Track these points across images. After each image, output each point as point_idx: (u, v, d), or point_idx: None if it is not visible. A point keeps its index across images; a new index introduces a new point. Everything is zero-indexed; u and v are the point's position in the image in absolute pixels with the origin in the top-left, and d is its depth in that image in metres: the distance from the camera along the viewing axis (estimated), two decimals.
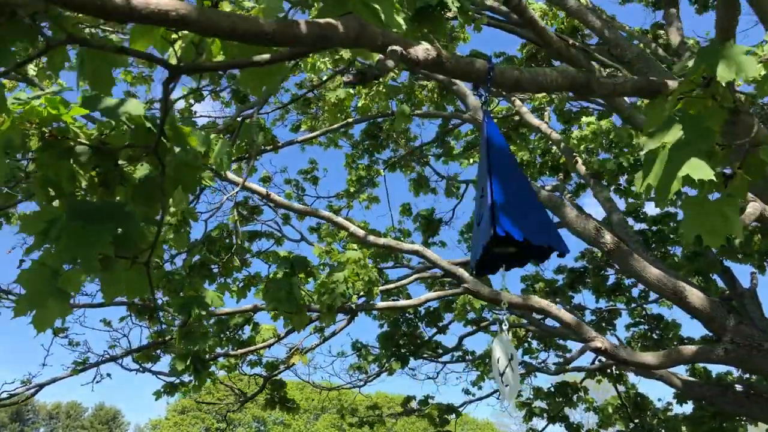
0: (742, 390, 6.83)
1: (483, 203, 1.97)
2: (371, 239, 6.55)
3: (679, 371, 8.24)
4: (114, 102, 2.02)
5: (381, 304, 7.20)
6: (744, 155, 1.73)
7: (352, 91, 7.72)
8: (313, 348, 8.16)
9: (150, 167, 2.26)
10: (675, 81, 1.96)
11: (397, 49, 1.53)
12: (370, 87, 8.03)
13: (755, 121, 1.95)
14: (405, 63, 1.59)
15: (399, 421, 29.89)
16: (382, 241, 6.70)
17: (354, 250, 6.39)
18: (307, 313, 5.69)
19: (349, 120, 8.29)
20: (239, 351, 7.25)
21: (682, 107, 1.88)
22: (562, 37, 4.41)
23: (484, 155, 2.05)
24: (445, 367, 11.42)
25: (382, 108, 8.29)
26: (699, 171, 1.65)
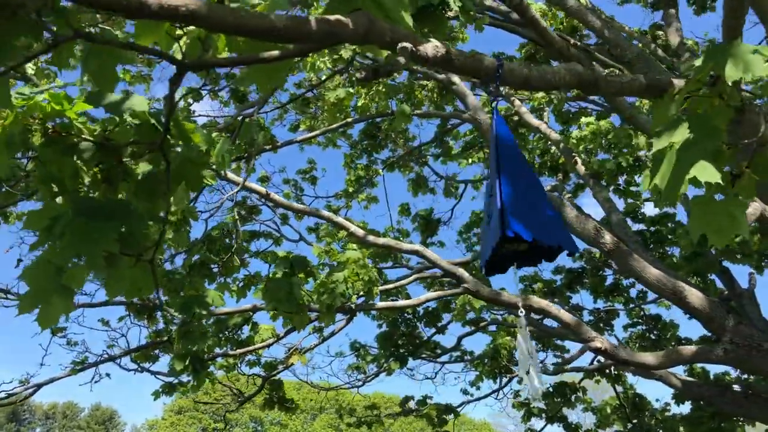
0: (740, 390, 6.84)
1: (492, 203, 1.97)
2: (371, 239, 6.55)
3: (677, 371, 8.25)
4: (118, 98, 2.01)
5: (380, 304, 7.19)
6: (752, 154, 1.72)
7: (351, 91, 7.71)
8: (312, 348, 8.15)
9: (152, 164, 2.25)
10: (681, 80, 1.95)
11: (407, 46, 1.52)
12: (369, 86, 8.02)
13: (762, 120, 1.94)
14: (414, 60, 1.58)
15: (396, 422, 29.90)
16: (381, 241, 6.70)
17: (353, 250, 6.39)
18: (307, 313, 5.69)
19: (349, 120, 8.28)
20: (238, 351, 7.24)
21: (688, 106, 1.87)
22: (563, 37, 4.42)
23: (493, 154, 2.04)
24: (444, 368, 11.42)
25: (381, 108, 8.28)
26: (706, 173, 1.64)
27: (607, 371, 10.04)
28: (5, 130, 1.96)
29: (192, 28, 1.83)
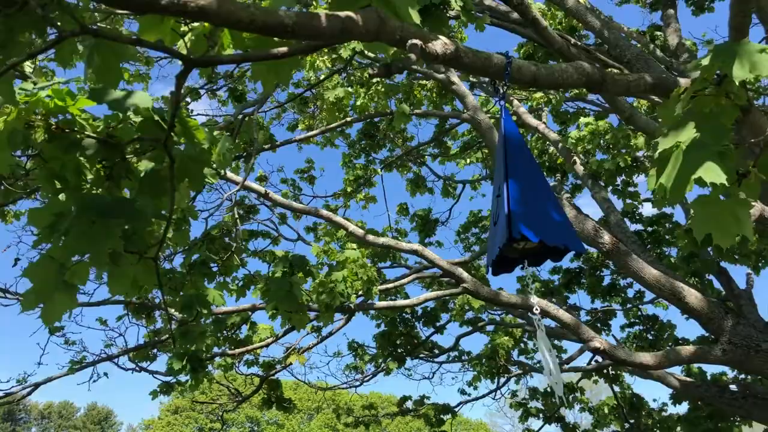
0: (738, 390, 6.85)
1: (499, 203, 1.97)
2: (370, 239, 6.54)
3: (675, 371, 8.26)
4: (121, 94, 2.00)
5: (380, 303, 7.19)
6: (759, 154, 1.72)
7: (350, 90, 7.70)
8: (310, 348, 8.14)
9: (154, 161, 2.24)
10: (686, 79, 1.95)
11: (418, 43, 1.52)
12: (368, 86, 8.01)
13: (767, 120, 1.94)
14: (424, 57, 1.58)
15: (392, 422, 29.89)
16: (381, 241, 6.69)
17: (352, 249, 6.38)
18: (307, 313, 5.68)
19: (348, 119, 8.27)
20: (236, 350, 7.22)
21: (693, 105, 1.87)
22: (564, 37, 4.42)
23: (501, 153, 2.04)
24: (441, 367, 11.43)
25: (380, 107, 8.27)
26: (712, 174, 1.64)
27: (605, 371, 10.06)
28: (7, 126, 1.95)
29: (197, 24, 1.82)
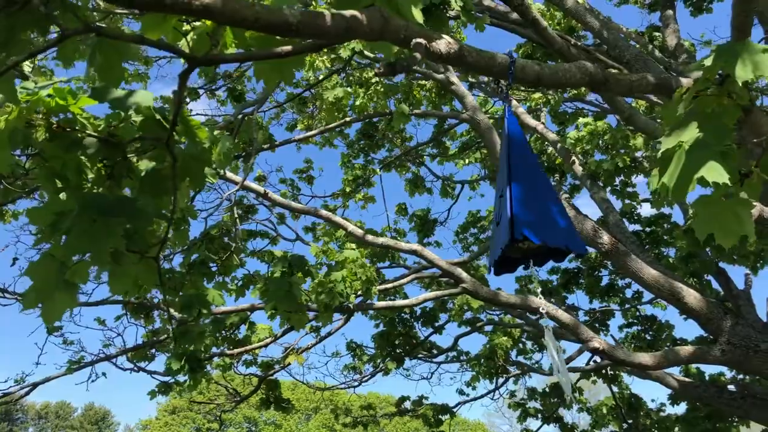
0: (737, 391, 6.86)
1: (502, 204, 1.97)
2: (370, 239, 6.54)
3: (673, 372, 8.27)
4: (123, 93, 2.00)
5: (379, 303, 7.18)
6: (762, 154, 1.72)
7: (349, 90, 7.70)
8: (309, 348, 8.13)
9: (155, 160, 2.23)
10: (689, 79, 1.95)
11: (422, 42, 1.52)
12: (368, 86, 8.01)
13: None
14: (429, 56, 1.57)
15: (390, 422, 29.88)
16: (380, 241, 6.69)
17: (352, 249, 6.37)
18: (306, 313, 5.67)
19: (347, 119, 8.27)
20: (235, 351, 7.21)
21: (695, 105, 1.87)
22: (563, 37, 4.43)
23: (504, 153, 2.04)
24: (440, 368, 11.44)
25: (380, 107, 8.27)
26: (715, 173, 1.64)
27: (604, 371, 10.07)
28: (8, 124, 1.94)
29: (199, 23, 1.82)
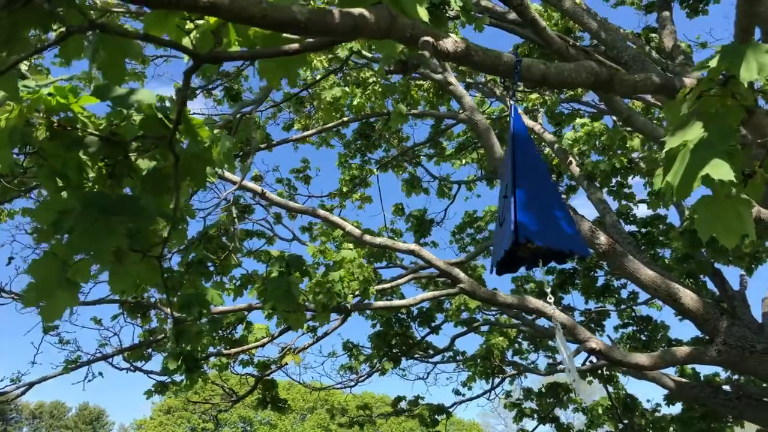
0: (732, 391, 6.89)
1: (506, 205, 1.97)
2: (367, 239, 6.53)
3: (669, 372, 8.29)
4: (124, 91, 1.99)
5: (376, 303, 7.18)
6: (766, 154, 1.73)
7: (347, 90, 7.69)
8: (306, 348, 8.12)
9: (156, 159, 2.23)
10: (692, 79, 1.96)
11: (430, 41, 1.52)
12: (365, 86, 8.01)
13: None
14: (436, 55, 1.57)
15: (386, 422, 29.87)
16: (378, 241, 6.68)
17: (349, 249, 6.37)
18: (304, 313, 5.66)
19: (345, 119, 8.26)
20: (232, 350, 7.20)
21: (699, 106, 1.87)
22: (562, 37, 4.43)
23: (509, 154, 2.04)
24: (436, 368, 11.44)
25: (377, 107, 8.26)
26: (720, 171, 1.65)
27: (600, 372, 10.09)
28: (9, 123, 1.93)
29: (202, 21, 1.81)
